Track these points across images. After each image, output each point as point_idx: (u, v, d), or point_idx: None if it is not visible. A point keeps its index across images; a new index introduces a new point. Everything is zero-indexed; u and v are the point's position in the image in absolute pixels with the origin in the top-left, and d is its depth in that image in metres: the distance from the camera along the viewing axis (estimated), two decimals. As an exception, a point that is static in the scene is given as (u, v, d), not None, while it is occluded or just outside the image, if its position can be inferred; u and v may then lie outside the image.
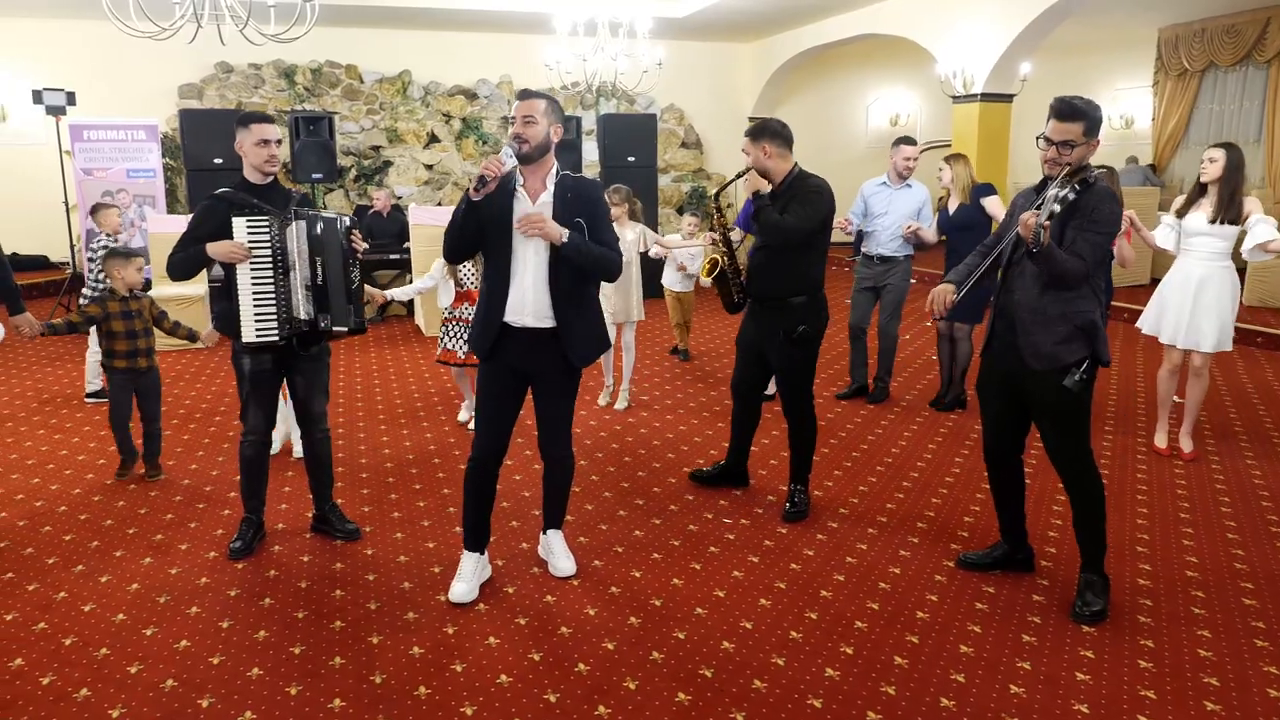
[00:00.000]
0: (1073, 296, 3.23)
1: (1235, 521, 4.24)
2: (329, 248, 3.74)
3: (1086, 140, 3.19)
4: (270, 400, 3.91)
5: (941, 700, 2.89)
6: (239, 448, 3.96)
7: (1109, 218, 3.20)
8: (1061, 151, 3.18)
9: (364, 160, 12.28)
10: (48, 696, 2.92)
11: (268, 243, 3.68)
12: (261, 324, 3.70)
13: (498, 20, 11.84)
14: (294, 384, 3.95)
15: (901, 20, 10.78)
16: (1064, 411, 3.31)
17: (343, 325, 3.81)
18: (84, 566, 3.83)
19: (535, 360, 3.45)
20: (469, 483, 3.57)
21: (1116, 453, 5.16)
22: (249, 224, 3.67)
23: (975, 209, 5.80)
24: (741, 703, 2.88)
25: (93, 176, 9.31)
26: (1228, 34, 11.53)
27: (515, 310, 3.39)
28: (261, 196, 3.75)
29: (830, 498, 4.56)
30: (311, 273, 3.73)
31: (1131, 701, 2.87)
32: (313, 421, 4.03)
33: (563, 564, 3.73)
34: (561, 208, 3.37)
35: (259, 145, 3.73)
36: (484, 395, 3.52)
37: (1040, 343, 3.26)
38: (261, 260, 3.68)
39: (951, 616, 3.39)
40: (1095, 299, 3.29)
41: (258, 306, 3.69)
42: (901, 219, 5.97)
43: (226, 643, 3.24)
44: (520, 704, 2.88)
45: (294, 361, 3.88)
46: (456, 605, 3.48)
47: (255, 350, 3.77)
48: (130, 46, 7.51)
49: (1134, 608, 3.45)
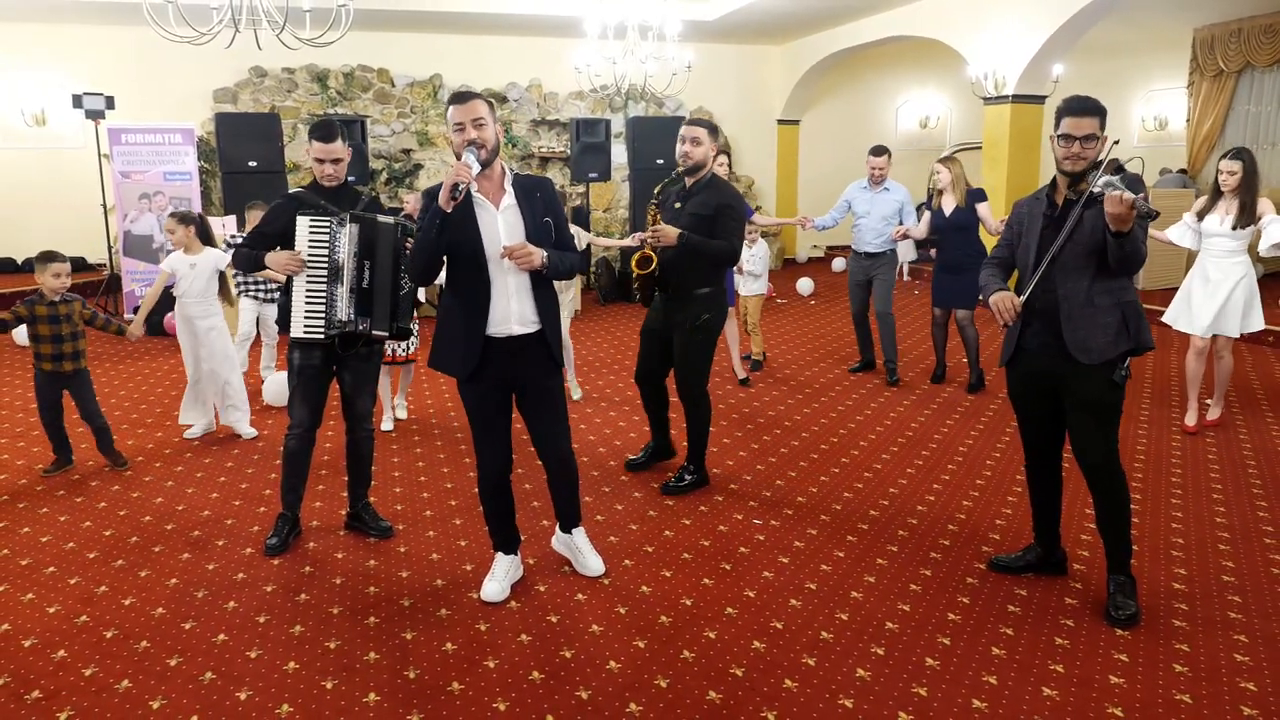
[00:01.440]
0: (1119, 286, 3.26)
1: (1272, 526, 4.18)
2: (379, 252, 3.82)
3: (1104, 134, 3.24)
4: (316, 395, 3.96)
5: (974, 702, 2.88)
6: (284, 441, 4.03)
7: (1144, 203, 3.18)
8: (1085, 146, 3.21)
9: (395, 163, 12.38)
10: (90, 687, 2.98)
11: (326, 243, 3.77)
12: (310, 321, 3.78)
13: (528, 24, 11.90)
14: (342, 380, 4.01)
15: (933, 22, 10.72)
16: (1104, 406, 3.30)
17: (382, 330, 3.87)
18: (123, 561, 3.91)
19: (521, 368, 3.36)
20: (485, 498, 3.58)
21: (1150, 457, 5.11)
22: (312, 223, 3.78)
23: (970, 211, 6.34)
24: (773, 702, 2.89)
25: (130, 179, 9.46)
26: (1265, 34, 11.36)
27: (499, 321, 3.28)
28: (330, 198, 3.86)
29: (860, 499, 4.55)
30: (358, 276, 3.80)
31: (1167, 705, 2.85)
32: (357, 420, 4.08)
33: (593, 562, 3.75)
34: (529, 209, 3.30)
35: (316, 162, 3.85)
36: (476, 415, 3.43)
37: (1089, 336, 3.24)
38: (318, 260, 3.77)
39: (984, 619, 3.38)
40: (1133, 284, 3.33)
41: (309, 304, 3.78)
42: (881, 219, 6.71)
43: (263, 637, 3.29)
44: (553, 700, 2.90)
45: (344, 359, 3.94)
46: (488, 604, 3.51)
47: (305, 346, 3.86)
48: (166, 51, 7.63)
49: (1169, 611, 3.41)
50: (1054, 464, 3.60)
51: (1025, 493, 4.50)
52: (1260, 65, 11.54)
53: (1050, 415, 3.49)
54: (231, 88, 11.89)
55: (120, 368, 7.49)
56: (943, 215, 6.42)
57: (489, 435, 3.45)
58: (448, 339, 3.35)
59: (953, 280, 6.43)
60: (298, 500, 4.08)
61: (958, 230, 6.36)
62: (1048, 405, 3.46)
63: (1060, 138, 3.26)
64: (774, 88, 14.36)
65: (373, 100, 12.39)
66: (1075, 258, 3.26)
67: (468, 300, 3.26)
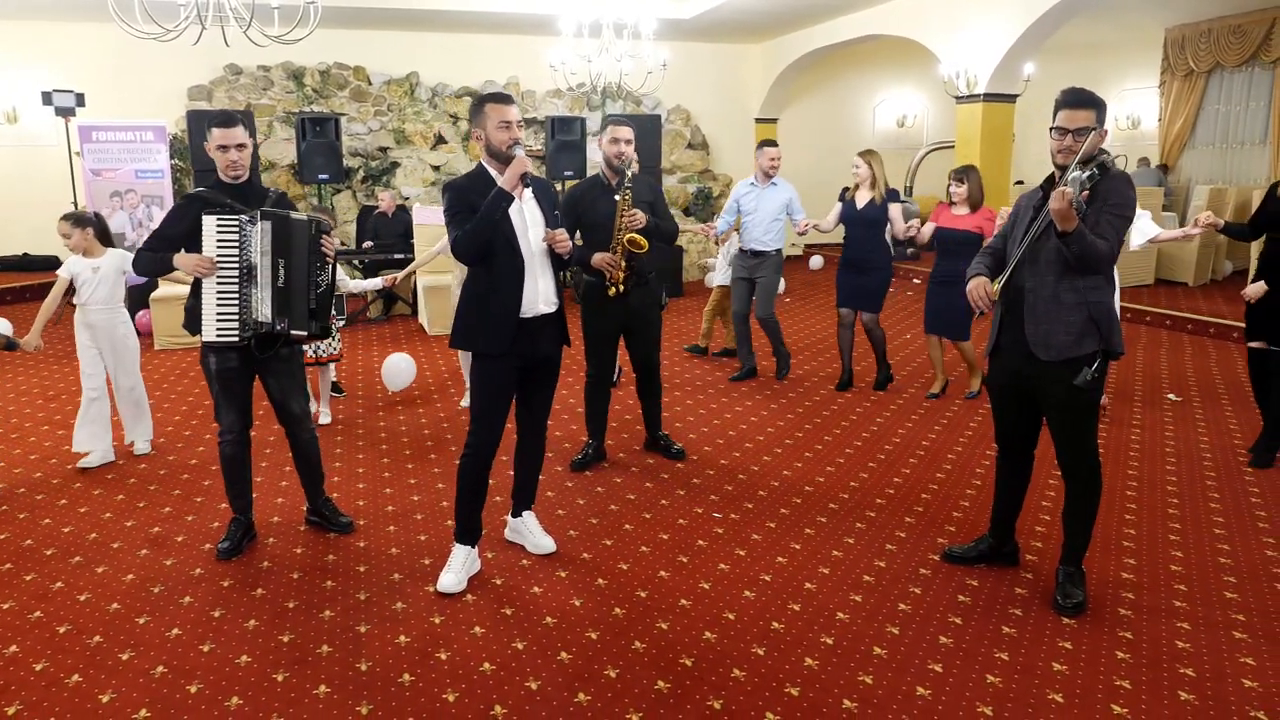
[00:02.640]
0: (1088, 285, 3.21)
1: (1223, 518, 4.24)
2: (294, 250, 3.72)
3: (1098, 127, 3.19)
4: (241, 399, 3.85)
5: (918, 689, 2.92)
6: (219, 448, 3.94)
7: (1127, 200, 3.19)
8: (1077, 139, 3.17)
9: (371, 161, 12.36)
10: (40, 682, 2.99)
11: (235, 243, 3.66)
12: (223, 324, 3.67)
13: (505, 22, 11.91)
14: (268, 386, 3.91)
15: (907, 21, 10.79)
16: (1074, 407, 3.29)
17: (301, 330, 3.77)
18: (81, 558, 3.90)
19: (542, 345, 3.63)
20: (467, 475, 3.63)
21: (1109, 450, 5.17)
22: (219, 223, 3.65)
23: (883, 209, 6.26)
24: (720, 690, 2.92)
25: (101, 177, 9.41)
26: (1234, 34, 11.49)
27: (530, 303, 3.53)
28: (236, 196, 3.72)
29: (820, 493, 4.59)
30: (273, 275, 3.70)
31: (1107, 691, 2.90)
32: (295, 422, 4.00)
33: (545, 541, 3.92)
34: (546, 204, 3.65)
35: (218, 150, 3.69)
36: (491, 391, 3.58)
37: (1052, 333, 3.24)
38: (227, 260, 3.66)
39: (933, 609, 3.42)
40: (1110, 286, 3.29)
41: (220, 306, 3.66)
42: (768, 216, 6.60)
43: (217, 631, 3.30)
44: (502, 691, 2.93)
45: (265, 362, 3.83)
46: (444, 595, 3.53)
47: (220, 349, 3.73)
48: (140, 49, 7.61)
49: (1116, 600, 3.46)
50: (1023, 460, 3.63)
51: (983, 486, 4.58)
52: (1229, 65, 11.67)
53: (1022, 413, 3.50)
54: (206, 85, 11.85)
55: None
56: (854, 207, 6.33)
57: (497, 410, 3.61)
58: (477, 319, 3.55)
59: (857, 279, 6.36)
60: (248, 504, 4.03)
61: (867, 225, 6.27)
62: (1021, 403, 3.47)
63: (1054, 130, 3.23)
64: (752, 86, 14.42)
65: (349, 98, 12.37)
66: (1045, 253, 3.25)
67: (505, 283, 3.50)
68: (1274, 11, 10.94)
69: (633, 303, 4.71)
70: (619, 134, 4.62)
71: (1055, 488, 4.59)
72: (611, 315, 4.78)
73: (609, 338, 4.88)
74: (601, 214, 4.58)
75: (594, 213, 4.64)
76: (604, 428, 5.06)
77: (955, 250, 5.90)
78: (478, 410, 3.61)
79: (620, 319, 4.80)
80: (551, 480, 4.77)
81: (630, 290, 4.64)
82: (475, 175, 3.53)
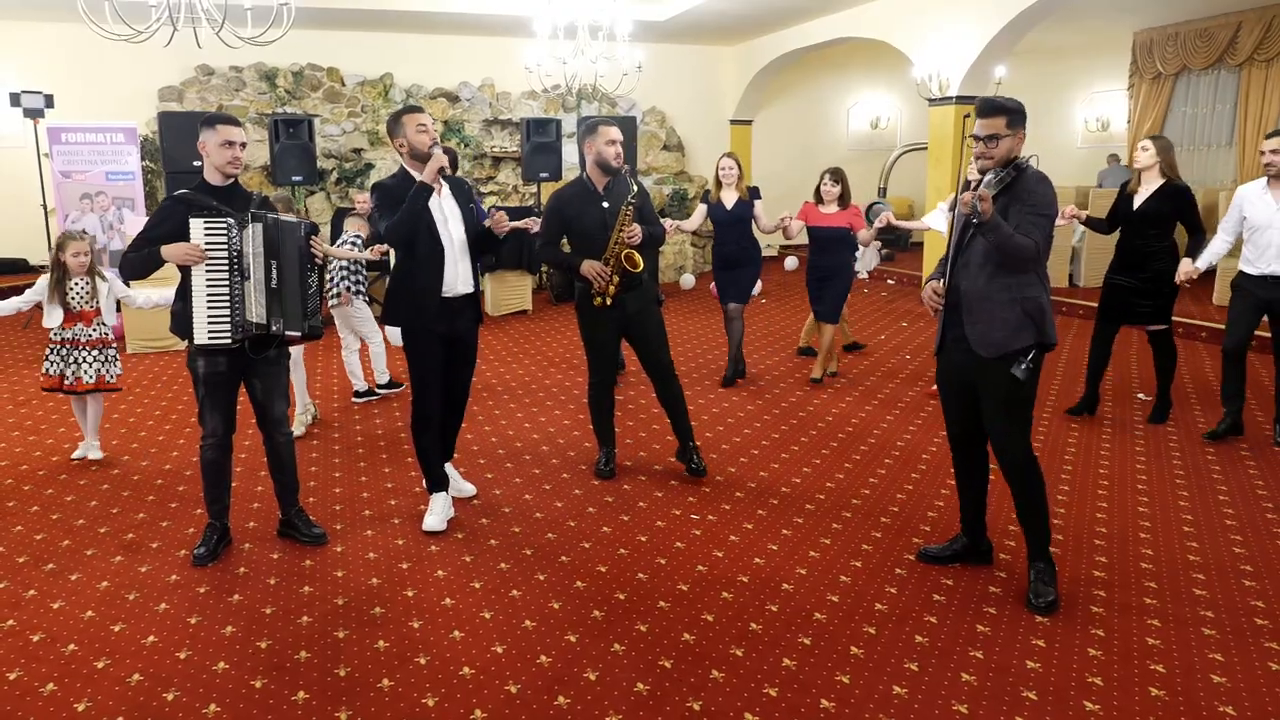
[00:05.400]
0: (1019, 283, 3.32)
1: (1191, 515, 4.32)
2: (286, 252, 3.73)
3: (1011, 132, 3.34)
4: (226, 403, 3.85)
5: (894, 688, 2.95)
6: (199, 452, 3.93)
7: (1045, 199, 3.32)
8: (989, 145, 3.34)
9: (345, 163, 12.29)
10: (14, 691, 2.96)
11: (224, 245, 3.65)
12: (214, 326, 3.66)
13: (480, 23, 11.88)
14: (252, 388, 3.90)
15: (880, 24, 10.87)
16: (1011, 400, 3.39)
17: (296, 330, 3.78)
18: (54, 565, 3.86)
19: (460, 323, 4.14)
20: (426, 439, 4.18)
21: (1080, 445, 5.24)
22: (206, 226, 3.63)
23: (750, 206, 6.51)
24: (699, 692, 2.94)
25: (71, 179, 9.31)
26: (1200, 38, 11.66)
27: (450, 283, 4.04)
28: (221, 198, 3.72)
29: (798, 494, 4.62)
30: (266, 276, 3.70)
31: (1079, 687, 2.94)
32: (274, 424, 3.98)
33: (465, 485, 4.57)
34: (462, 199, 4.15)
35: (224, 146, 3.70)
36: (425, 362, 4.08)
37: (988, 330, 3.35)
38: (217, 262, 3.65)
39: (909, 608, 3.46)
40: (1042, 284, 3.39)
41: (211, 309, 3.65)
42: None
43: (194, 638, 3.28)
44: (481, 695, 2.93)
45: (251, 365, 3.83)
46: (430, 533, 4.11)
47: (209, 353, 3.72)
48: (110, 49, 7.50)
49: (1088, 598, 3.52)
50: (975, 455, 3.70)
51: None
52: (1196, 68, 11.84)
53: (967, 408, 3.58)
54: (177, 86, 11.73)
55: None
56: (724, 208, 6.51)
57: (434, 379, 4.11)
58: (405, 297, 4.04)
59: (731, 274, 6.60)
60: (224, 510, 4.00)
61: (736, 224, 6.51)
62: (965, 398, 3.56)
63: (972, 137, 3.40)
64: (726, 88, 14.46)
65: (322, 99, 12.29)
66: (974, 254, 3.39)
67: (428, 265, 3.98)
68: (1240, 15, 11.12)
69: (629, 306, 4.63)
70: (614, 134, 4.53)
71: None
72: (608, 320, 4.68)
73: (606, 344, 4.77)
74: (591, 223, 4.53)
75: (582, 221, 4.57)
76: (612, 434, 4.95)
77: (826, 245, 6.50)
78: (416, 383, 4.13)
79: (618, 324, 4.70)
80: (529, 483, 4.78)
81: (619, 297, 4.57)
82: (401, 176, 4.04)
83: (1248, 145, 11.21)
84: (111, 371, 5.08)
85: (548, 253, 4.76)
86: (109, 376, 5.07)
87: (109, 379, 5.07)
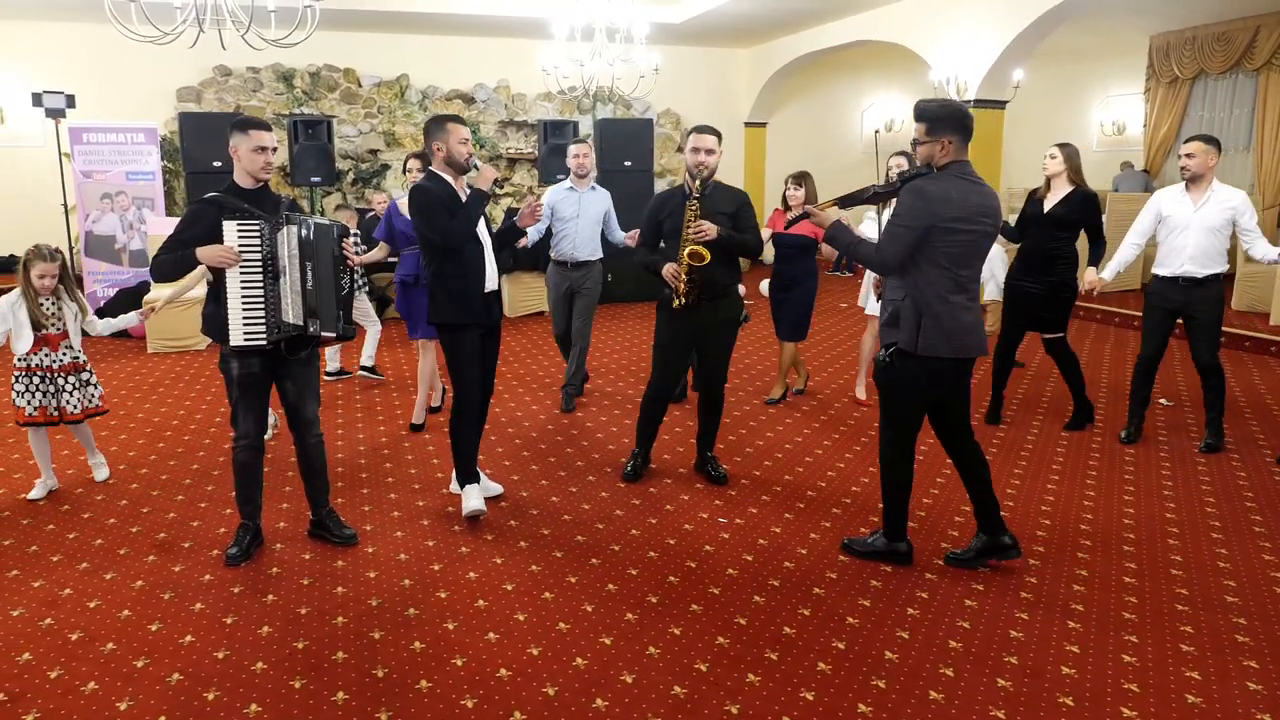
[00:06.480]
0: (893, 285, 3.65)
1: (1220, 522, 4.32)
2: (320, 253, 3.76)
3: (931, 139, 3.50)
4: (260, 404, 3.89)
5: (930, 692, 2.96)
6: (231, 453, 3.96)
7: (908, 210, 3.49)
8: (912, 149, 3.60)
9: (361, 164, 12.34)
10: (56, 689, 2.98)
11: (258, 247, 3.68)
12: (249, 328, 3.68)
13: (496, 25, 11.91)
14: (284, 389, 3.93)
15: (897, 27, 10.87)
16: (882, 392, 3.79)
17: (331, 331, 3.81)
18: (88, 564, 3.89)
19: (494, 314, 4.38)
20: (467, 426, 4.32)
21: (1104, 455, 5.24)
22: (240, 228, 3.66)
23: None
24: (736, 695, 2.95)
25: (92, 179, 9.35)
26: (1218, 41, 11.63)
27: (489, 280, 4.32)
28: (252, 201, 3.74)
29: (824, 497, 4.63)
30: (301, 278, 3.73)
31: (1115, 694, 2.95)
32: (305, 425, 4.01)
33: (492, 485, 4.65)
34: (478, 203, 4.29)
35: (255, 152, 3.71)
36: (469, 355, 4.25)
37: (885, 320, 3.68)
38: (251, 264, 3.67)
39: (941, 611, 3.47)
40: (920, 289, 3.52)
41: (246, 310, 3.68)
42: (593, 221, 6.16)
43: (230, 638, 3.30)
44: (520, 696, 2.95)
45: (283, 366, 3.86)
46: (472, 517, 4.28)
47: (242, 354, 3.75)
48: (128, 49, 7.53)
49: (1119, 605, 3.52)
50: (952, 449, 3.84)
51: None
52: (1214, 72, 11.81)
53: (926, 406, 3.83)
54: (195, 87, 11.79)
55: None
56: None
57: (475, 370, 4.28)
58: (455, 295, 4.20)
59: None
60: (256, 510, 4.02)
61: None
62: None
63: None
64: (740, 90, 14.48)
65: (339, 100, 12.34)
66: None
67: (473, 264, 4.23)
68: (1258, 19, 11.09)
69: (705, 316, 4.58)
70: (700, 143, 4.54)
71: (1054, 490, 4.66)
72: (681, 326, 4.62)
73: (673, 349, 4.71)
74: (679, 224, 4.55)
75: (673, 221, 4.60)
76: (653, 439, 4.95)
77: (791, 255, 6.09)
78: (457, 377, 4.27)
79: (690, 332, 4.64)
80: (555, 485, 4.80)
81: (695, 303, 4.52)
82: (438, 181, 4.21)
83: (1265, 150, 11.19)
84: (93, 396, 4.72)
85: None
86: (90, 401, 4.70)
87: (90, 403, 4.70)
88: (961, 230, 3.45)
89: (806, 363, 7.52)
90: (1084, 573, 3.78)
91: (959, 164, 3.50)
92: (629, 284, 10.21)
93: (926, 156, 3.53)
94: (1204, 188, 5.12)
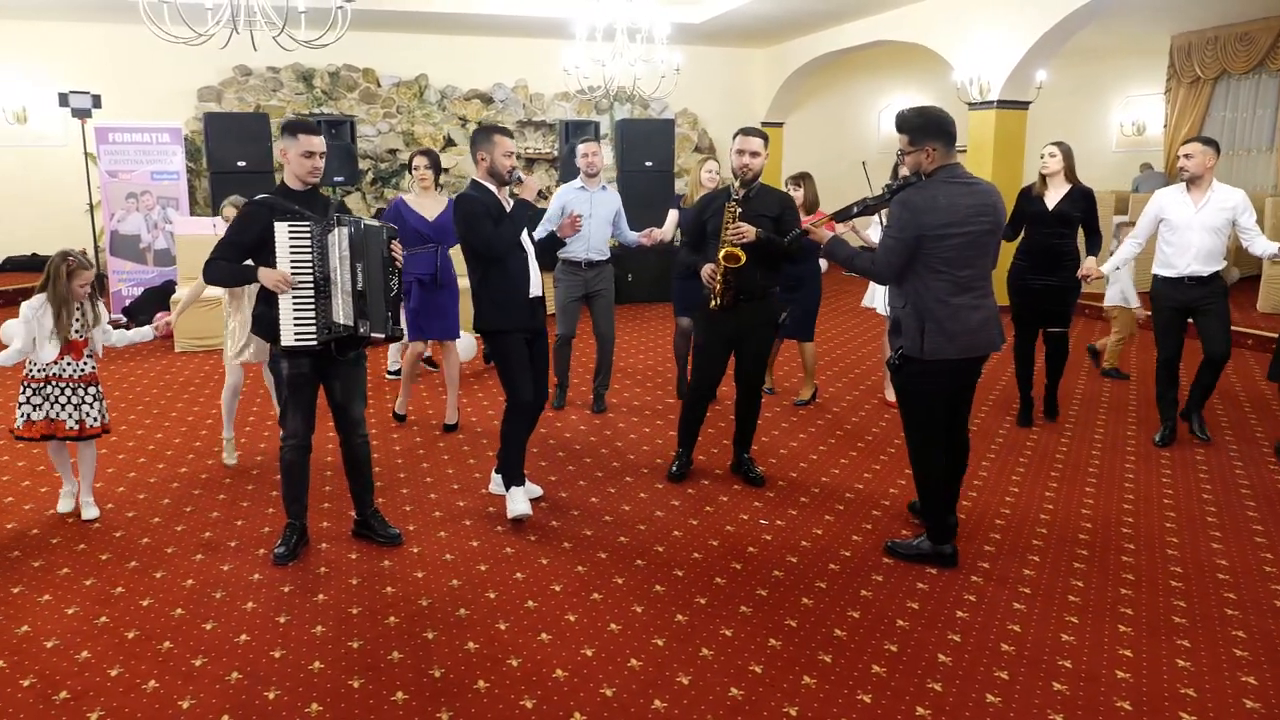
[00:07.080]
0: (893, 293, 3.78)
1: (1263, 526, 4.32)
2: (370, 255, 3.79)
3: (915, 148, 3.59)
4: (309, 404, 3.91)
5: (987, 696, 2.97)
6: (279, 453, 3.99)
7: (898, 221, 3.59)
8: (900, 159, 3.74)
9: (381, 163, 12.37)
10: (118, 688, 3.01)
11: (309, 248, 3.70)
12: (300, 328, 3.71)
13: (515, 25, 11.93)
14: (331, 389, 3.95)
15: (917, 28, 10.85)
16: (897, 392, 3.90)
17: (380, 332, 3.84)
18: (137, 563, 3.92)
19: (540, 318, 4.42)
20: (522, 426, 4.36)
21: (1140, 456, 5.24)
22: (291, 229, 3.68)
23: None
24: (793, 698, 2.96)
25: (117, 178, 9.40)
26: (1240, 41, 11.60)
27: (534, 286, 4.37)
28: (301, 202, 3.77)
29: (862, 499, 4.64)
30: (352, 279, 3.76)
31: (1173, 699, 2.95)
32: (352, 426, 4.04)
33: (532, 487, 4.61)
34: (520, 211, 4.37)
35: (304, 157, 3.73)
36: (518, 358, 4.30)
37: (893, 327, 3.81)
38: (302, 265, 3.70)
39: (991, 613, 3.48)
40: (920, 294, 3.60)
41: (297, 311, 3.70)
42: (605, 221, 6.09)
43: (285, 637, 3.32)
44: (578, 697, 2.96)
45: (332, 367, 3.89)
46: (518, 519, 4.30)
47: (292, 355, 3.78)
48: (149, 49, 7.53)
49: (1169, 608, 3.53)
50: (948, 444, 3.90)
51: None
52: (1236, 72, 11.78)
53: None
54: (216, 86, 11.83)
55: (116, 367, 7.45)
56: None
57: (526, 372, 4.33)
58: (500, 302, 4.28)
59: (688, 284, 5.81)
60: (303, 510, 4.05)
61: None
62: None
63: None
64: (758, 91, 14.47)
65: (358, 100, 12.37)
66: None
67: (518, 271, 4.30)
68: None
69: (742, 317, 4.60)
70: (745, 145, 4.56)
71: (1092, 494, 4.66)
72: (718, 327, 4.65)
73: (712, 350, 4.72)
74: (720, 224, 4.56)
75: (715, 221, 4.62)
76: (695, 439, 4.97)
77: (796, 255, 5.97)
78: (508, 382, 4.34)
79: (728, 333, 4.66)
80: (593, 486, 4.82)
81: (732, 304, 4.54)
82: (482, 190, 4.28)
83: (1288, 151, 11.16)
84: (93, 415, 4.29)
85: (683, 254, 4.93)
86: (91, 420, 4.27)
87: (91, 423, 4.27)
88: (954, 234, 3.52)
89: (825, 367, 7.52)
90: (1130, 576, 3.78)
91: (947, 168, 3.59)
92: (648, 285, 10.23)
93: (914, 165, 3.63)
94: (1204, 188, 5.18)
